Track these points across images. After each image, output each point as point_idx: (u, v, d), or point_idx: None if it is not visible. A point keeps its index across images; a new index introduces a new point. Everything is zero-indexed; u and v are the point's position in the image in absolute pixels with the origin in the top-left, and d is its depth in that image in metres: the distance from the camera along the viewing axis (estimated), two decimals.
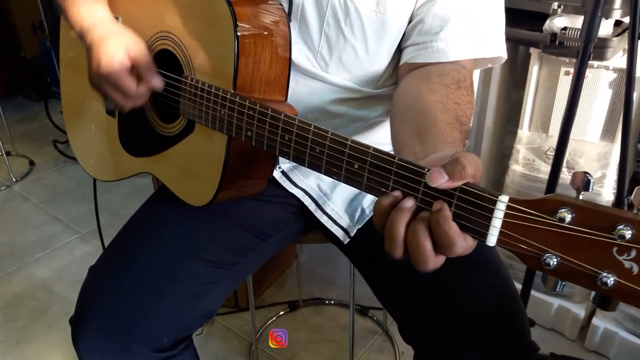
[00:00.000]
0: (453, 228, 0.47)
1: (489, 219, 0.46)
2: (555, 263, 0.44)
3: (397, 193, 0.52)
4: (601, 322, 1.44)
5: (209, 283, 0.85)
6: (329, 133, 0.59)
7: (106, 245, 0.89)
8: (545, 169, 1.39)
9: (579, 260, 0.43)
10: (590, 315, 1.48)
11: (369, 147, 0.55)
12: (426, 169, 0.49)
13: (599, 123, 1.28)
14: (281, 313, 1.65)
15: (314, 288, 1.73)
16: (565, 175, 1.30)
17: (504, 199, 0.46)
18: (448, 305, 0.77)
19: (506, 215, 0.46)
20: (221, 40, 0.72)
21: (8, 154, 2.42)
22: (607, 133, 1.29)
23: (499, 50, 0.80)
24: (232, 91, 0.72)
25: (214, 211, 0.87)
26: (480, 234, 0.47)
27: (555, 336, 1.52)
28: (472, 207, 0.47)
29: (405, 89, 0.77)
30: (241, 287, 1.62)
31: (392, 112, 0.76)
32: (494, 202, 0.46)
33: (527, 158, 1.43)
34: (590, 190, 0.44)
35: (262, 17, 0.75)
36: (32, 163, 2.45)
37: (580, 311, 1.48)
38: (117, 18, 0.88)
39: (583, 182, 0.44)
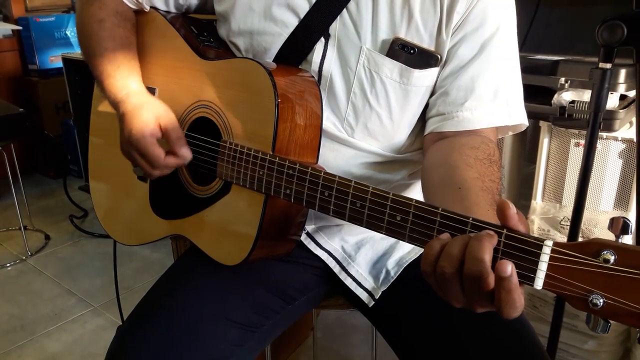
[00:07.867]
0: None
1: (535, 263, 0.49)
2: (602, 303, 0.45)
3: (446, 235, 0.54)
4: None
5: (236, 345, 0.85)
6: (370, 188, 0.62)
7: (124, 318, 0.88)
8: (560, 238, 1.41)
9: (625, 299, 0.44)
10: None
11: (411, 199, 0.58)
12: (470, 218, 0.52)
13: (611, 192, 1.32)
14: None
15: None
16: None
17: (549, 243, 0.48)
18: None
19: (551, 258, 0.48)
20: (262, 107, 0.78)
21: (25, 228, 2.45)
22: (621, 202, 1.32)
23: (521, 117, 0.84)
24: (271, 153, 0.76)
25: (242, 272, 0.88)
26: (528, 278, 0.49)
27: None
28: (519, 253, 0.49)
29: (439, 159, 0.79)
30: None
31: (429, 181, 0.78)
32: (540, 247, 0.48)
33: (542, 228, 1.45)
34: (629, 234, 0.46)
35: (297, 86, 0.81)
36: (47, 237, 2.48)
37: None
38: (154, 89, 0.94)
39: (622, 226, 0.47)
